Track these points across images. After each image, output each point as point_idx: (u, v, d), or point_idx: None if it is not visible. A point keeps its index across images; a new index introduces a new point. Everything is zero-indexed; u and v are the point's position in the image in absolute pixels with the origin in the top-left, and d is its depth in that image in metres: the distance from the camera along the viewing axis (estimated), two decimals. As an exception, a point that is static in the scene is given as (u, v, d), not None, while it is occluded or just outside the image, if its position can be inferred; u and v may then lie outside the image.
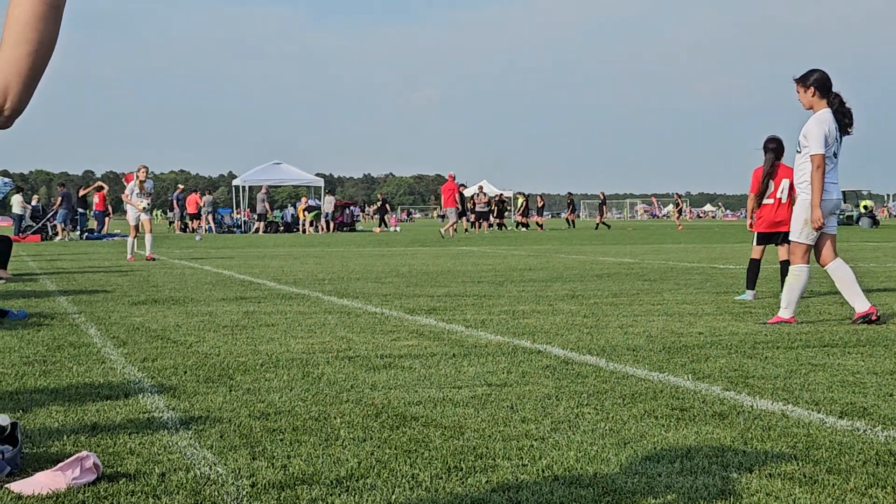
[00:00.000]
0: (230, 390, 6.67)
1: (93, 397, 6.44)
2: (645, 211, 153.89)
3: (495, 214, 61.82)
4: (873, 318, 10.20)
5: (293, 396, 6.45)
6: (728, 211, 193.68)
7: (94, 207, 48.40)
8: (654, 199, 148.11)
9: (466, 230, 53.91)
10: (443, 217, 58.77)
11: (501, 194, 69.38)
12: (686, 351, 8.43)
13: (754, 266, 13.15)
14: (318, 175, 67.92)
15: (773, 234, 13.02)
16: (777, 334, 9.48)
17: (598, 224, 64.32)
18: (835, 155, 10.34)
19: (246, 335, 9.52)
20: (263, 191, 56.50)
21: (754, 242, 13.23)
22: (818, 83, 10.28)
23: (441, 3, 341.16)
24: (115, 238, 43.34)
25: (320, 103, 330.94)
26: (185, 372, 7.42)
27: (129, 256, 24.07)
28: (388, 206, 62.72)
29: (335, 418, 5.77)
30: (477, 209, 56.52)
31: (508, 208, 68.76)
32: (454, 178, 44.93)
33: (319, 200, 59.37)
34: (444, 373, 7.35)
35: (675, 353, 8.33)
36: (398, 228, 59.99)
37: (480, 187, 62.14)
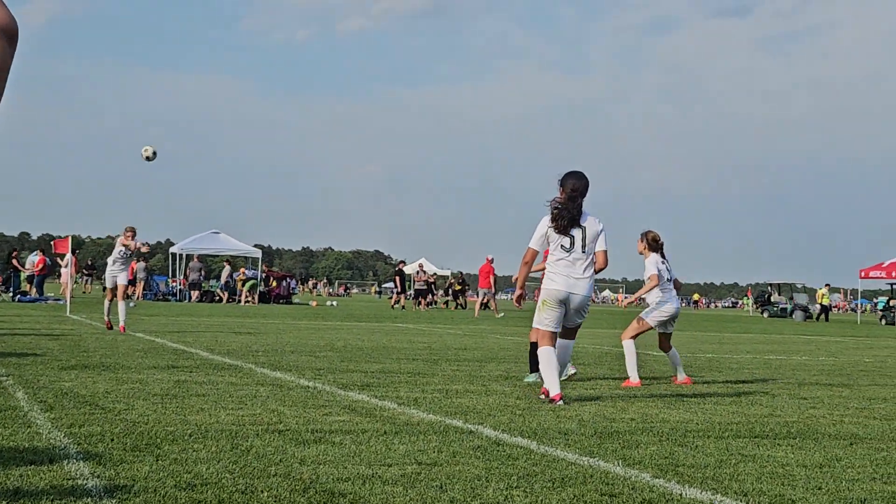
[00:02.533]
0: (157, 459, 6.59)
1: (17, 462, 6.33)
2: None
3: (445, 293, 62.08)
4: (553, 400, 10.64)
5: (220, 468, 6.38)
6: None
7: (31, 270, 47.90)
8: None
9: (403, 307, 53.84)
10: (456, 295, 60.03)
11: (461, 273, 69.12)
12: (617, 436, 8.44)
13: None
14: (256, 246, 67.59)
15: None
16: (708, 423, 9.52)
17: (458, 305, 63.29)
18: (563, 248, 11.03)
19: (175, 404, 9.42)
20: (195, 259, 56.30)
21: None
22: (560, 181, 11.22)
23: (387, 80, 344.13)
24: (49, 301, 42.90)
25: (262, 174, 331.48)
26: (112, 439, 7.32)
27: (105, 320, 22.25)
28: (273, 279, 60.60)
29: (262, 492, 5.71)
30: (416, 287, 56.48)
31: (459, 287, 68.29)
32: (492, 262, 48.33)
33: (256, 271, 59.18)
34: (375, 450, 7.31)
35: (607, 438, 8.34)
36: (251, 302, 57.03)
37: (420, 265, 62.24)
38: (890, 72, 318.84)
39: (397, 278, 57.59)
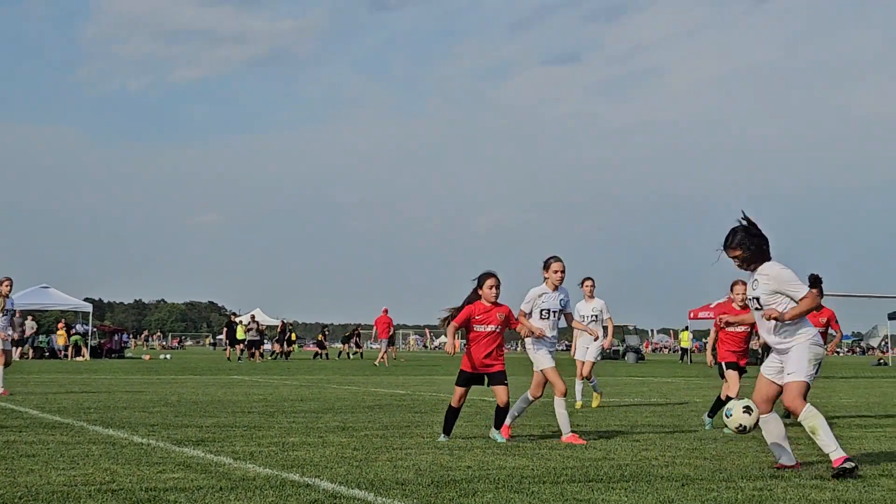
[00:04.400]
0: (-15, 525, 6.42)
1: None
2: (416, 342, 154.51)
3: (279, 343, 61.83)
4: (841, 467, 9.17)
5: (52, 532, 6.25)
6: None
7: None
8: (427, 331, 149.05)
9: (239, 358, 53.36)
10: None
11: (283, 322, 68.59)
12: (454, 485, 8.48)
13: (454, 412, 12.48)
14: (86, 300, 66.30)
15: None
16: (543, 469, 9.63)
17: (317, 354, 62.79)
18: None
19: (4, 466, 9.19)
20: (17, 315, 55.08)
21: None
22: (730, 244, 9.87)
23: (224, 127, 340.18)
24: None
25: (92, 225, 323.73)
26: (-63, 505, 7.12)
27: None
28: (72, 331, 58.85)
29: (95, 555, 5.61)
30: (249, 337, 55.98)
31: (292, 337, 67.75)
32: (388, 312, 49.32)
33: (87, 325, 58.09)
34: (211, 507, 7.23)
35: (444, 487, 8.38)
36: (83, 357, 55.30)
37: (253, 316, 61.86)
38: (718, 113, 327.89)
39: (225, 330, 57.22)
